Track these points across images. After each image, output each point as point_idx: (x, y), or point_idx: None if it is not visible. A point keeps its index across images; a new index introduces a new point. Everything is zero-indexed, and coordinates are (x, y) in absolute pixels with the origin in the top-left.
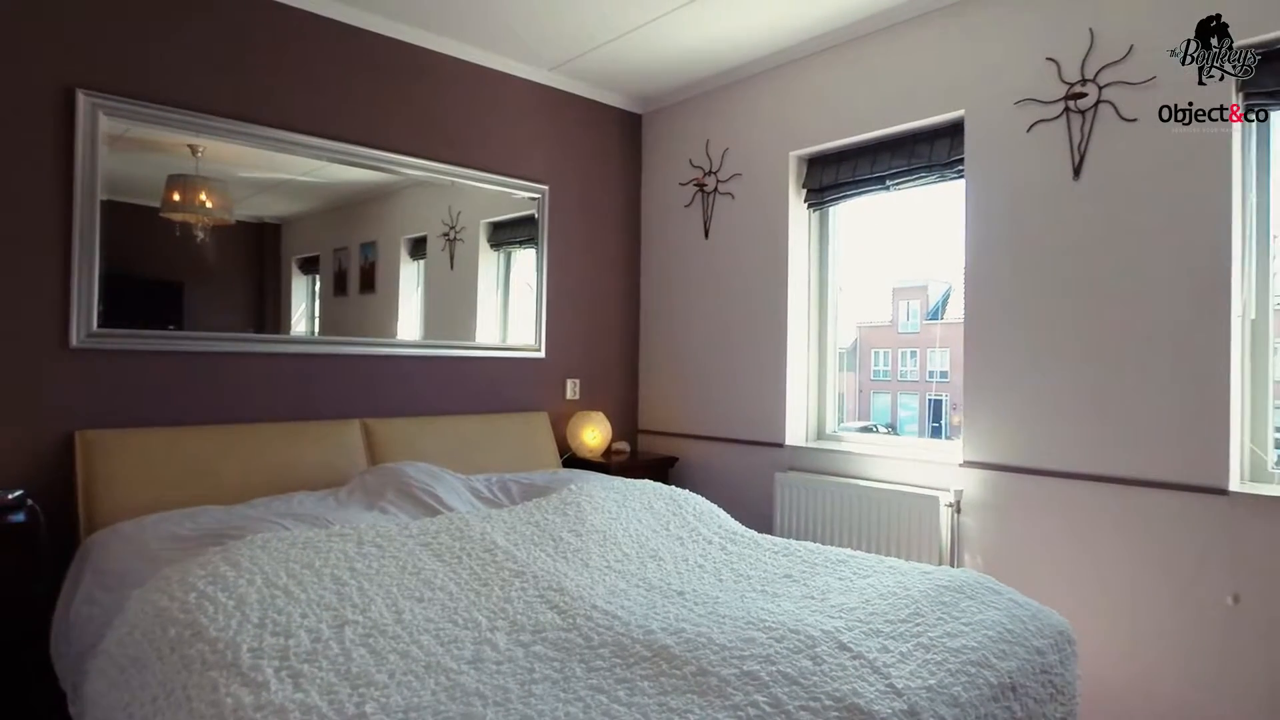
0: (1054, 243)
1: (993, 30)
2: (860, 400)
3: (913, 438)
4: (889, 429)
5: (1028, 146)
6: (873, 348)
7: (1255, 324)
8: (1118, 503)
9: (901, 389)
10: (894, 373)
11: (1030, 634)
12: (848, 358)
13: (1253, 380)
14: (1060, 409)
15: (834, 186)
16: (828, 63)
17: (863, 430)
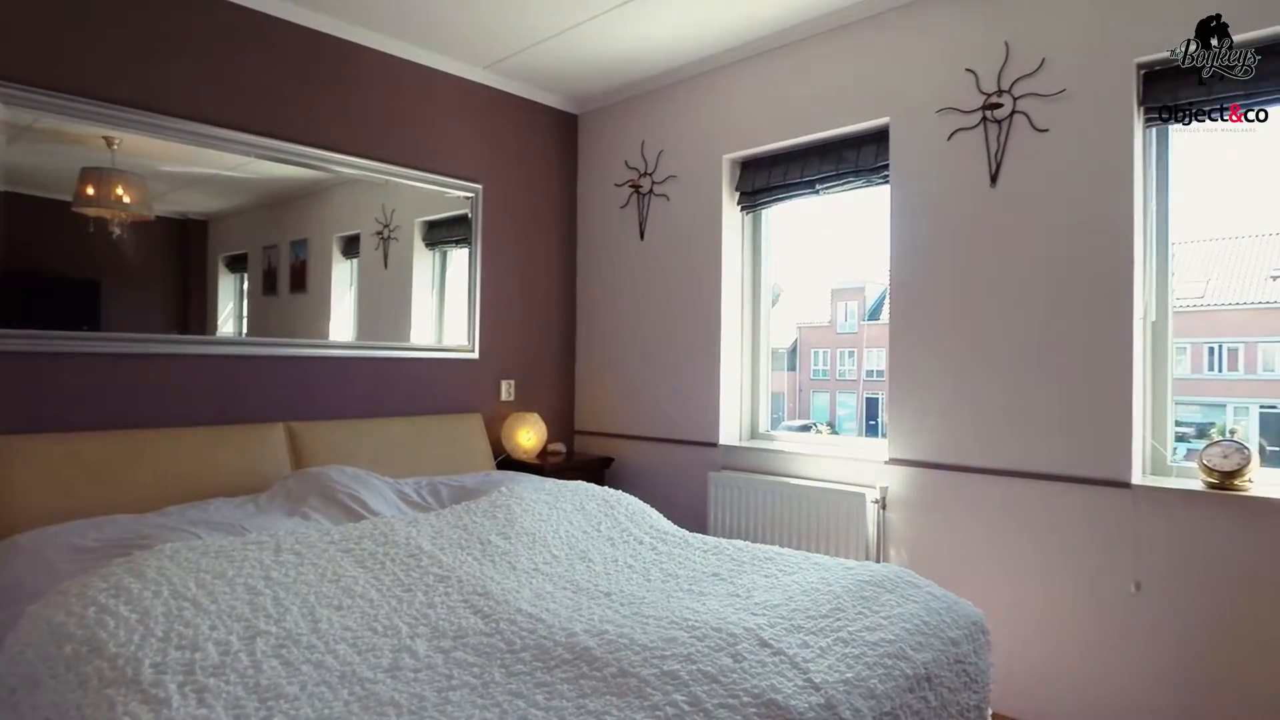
0: (973, 247)
1: (916, 41)
2: (800, 399)
3: (846, 436)
4: (828, 427)
5: (948, 154)
6: (812, 347)
7: (1155, 325)
8: (1030, 497)
9: (840, 388)
10: (833, 372)
11: (946, 625)
12: (788, 357)
13: (1153, 379)
14: (978, 407)
15: (766, 190)
16: (760, 68)
17: (803, 429)
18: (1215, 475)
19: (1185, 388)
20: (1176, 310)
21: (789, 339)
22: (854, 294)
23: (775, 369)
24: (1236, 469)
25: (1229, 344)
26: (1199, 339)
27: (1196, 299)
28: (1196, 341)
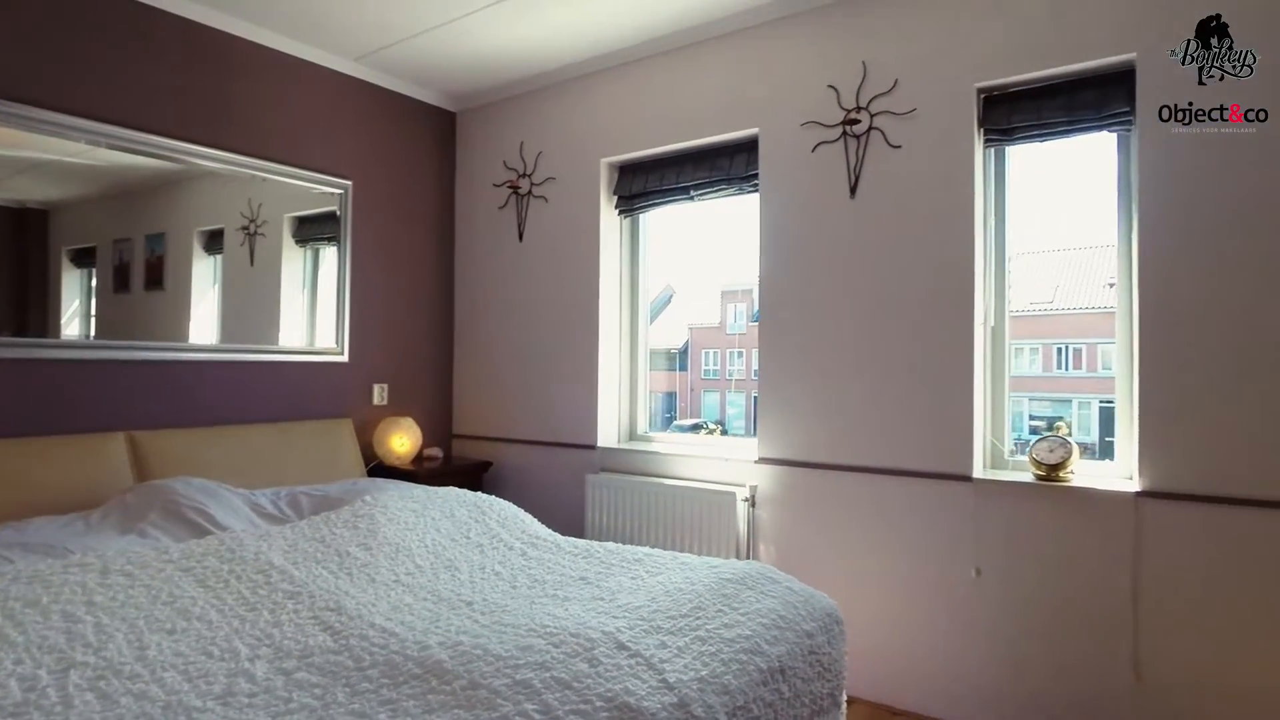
0: (834, 255)
1: (783, 55)
2: (692, 399)
3: (735, 436)
4: (719, 426)
5: (812, 165)
6: (703, 348)
7: (994, 330)
8: (885, 491)
9: (730, 388)
10: (723, 372)
11: (801, 618)
12: (679, 358)
13: (992, 380)
14: (839, 407)
15: (643, 194)
16: (637, 74)
17: (694, 428)
18: (1043, 468)
19: (1038, 385)
20: (1030, 314)
21: (681, 339)
22: (743, 296)
23: (668, 369)
24: (1060, 462)
25: (1074, 344)
26: (1050, 340)
27: (1046, 304)
28: (1047, 342)
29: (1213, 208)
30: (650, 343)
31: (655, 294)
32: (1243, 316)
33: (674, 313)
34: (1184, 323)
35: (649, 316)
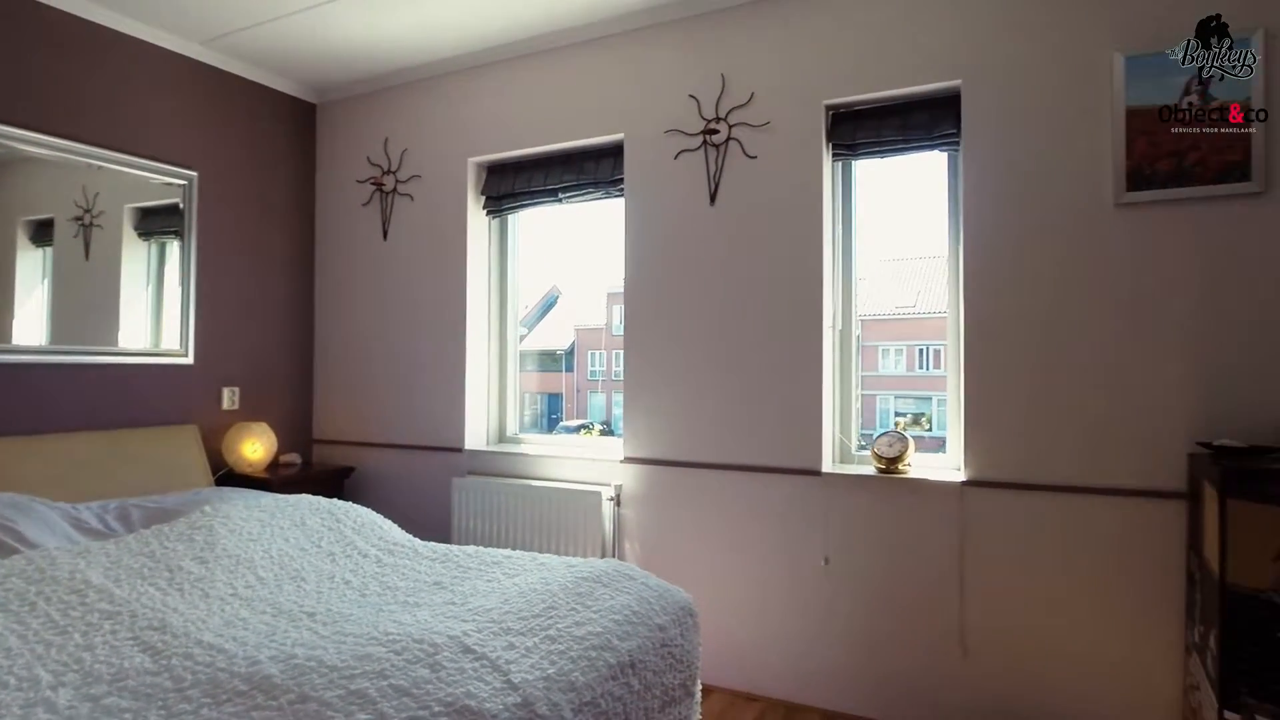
0: (695, 260)
1: (648, 64)
2: (578, 400)
3: (610, 437)
4: (604, 426)
5: (675, 172)
6: (589, 349)
7: (842, 333)
8: (743, 487)
9: (615, 388)
10: (608, 373)
11: (654, 612)
12: (565, 359)
13: (840, 381)
14: (699, 407)
15: (511, 195)
16: (505, 75)
17: (580, 428)
18: (883, 461)
19: (901, 383)
20: (895, 318)
21: (567, 341)
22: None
23: (554, 370)
24: (898, 455)
25: (934, 346)
26: (913, 341)
27: (910, 308)
28: (910, 344)
29: (1020, 225)
30: (535, 344)
31: (540, 295)
32: (1046, 325)
33: (560, 314)
34: (1000, 329)
35: (519, 317)
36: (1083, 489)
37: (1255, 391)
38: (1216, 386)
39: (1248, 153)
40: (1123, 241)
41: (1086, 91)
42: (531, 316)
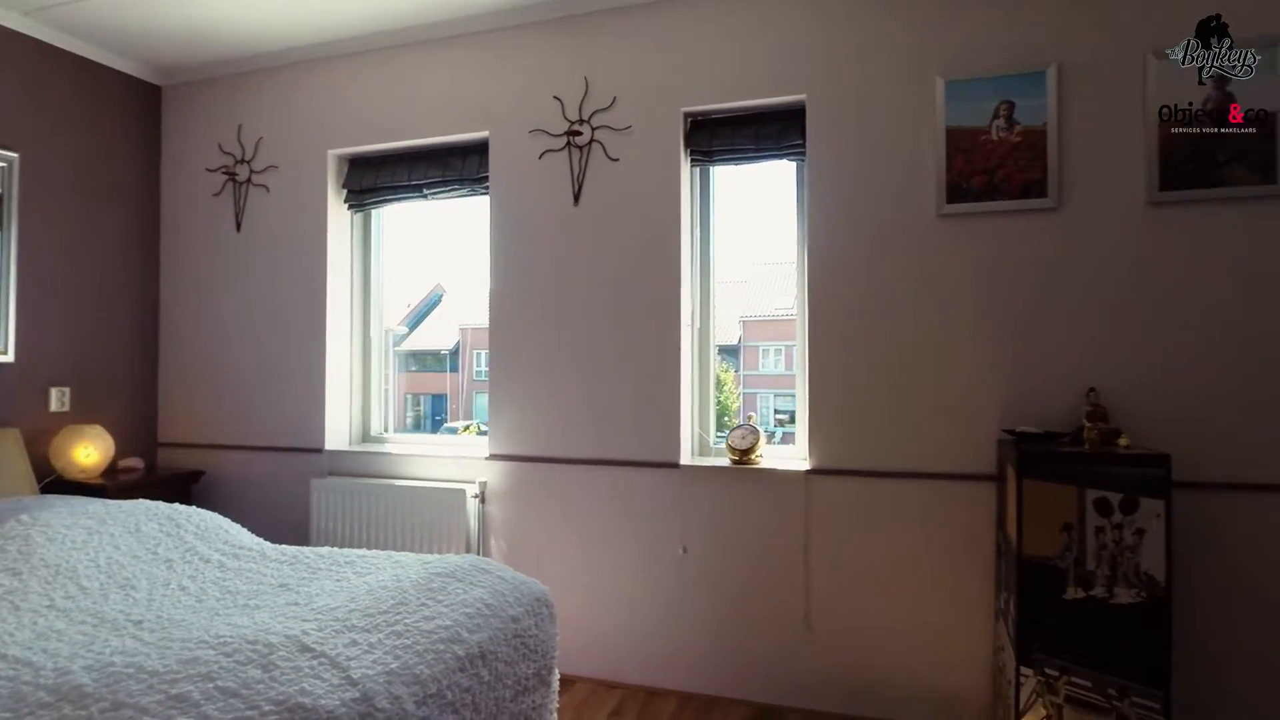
0: (559, 259)
1: (513, 63)
2: (464, 400)
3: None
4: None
5: (539, 172)
6: (475, 348)
7: (700, 332)
8: (606, 481)
9: None
10: None
11: (508, 605)
12: (450, 358)
13: (700, 377)
14: (564, 404)
15: (374, 190)
16: (368, 67)
17: (466, 429)
18: (736, 453)
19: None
20: (773, 319)
21: (452, 340)
22: None
23: (438, 370)
24: (750, 447)
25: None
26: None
27: (788, 309)
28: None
29: (856, 232)
30: (418, 344)
31: (424, 294)
32: (878, 325)
33: (444, 313)
34: (838, 329)
35: (384, 314)
36: (910, 474)
37: (1052, 383)
38: (1020, 379)
39: (1045, 172)
40: (943, 249)
41: (914, 111)
42: (414, 316)
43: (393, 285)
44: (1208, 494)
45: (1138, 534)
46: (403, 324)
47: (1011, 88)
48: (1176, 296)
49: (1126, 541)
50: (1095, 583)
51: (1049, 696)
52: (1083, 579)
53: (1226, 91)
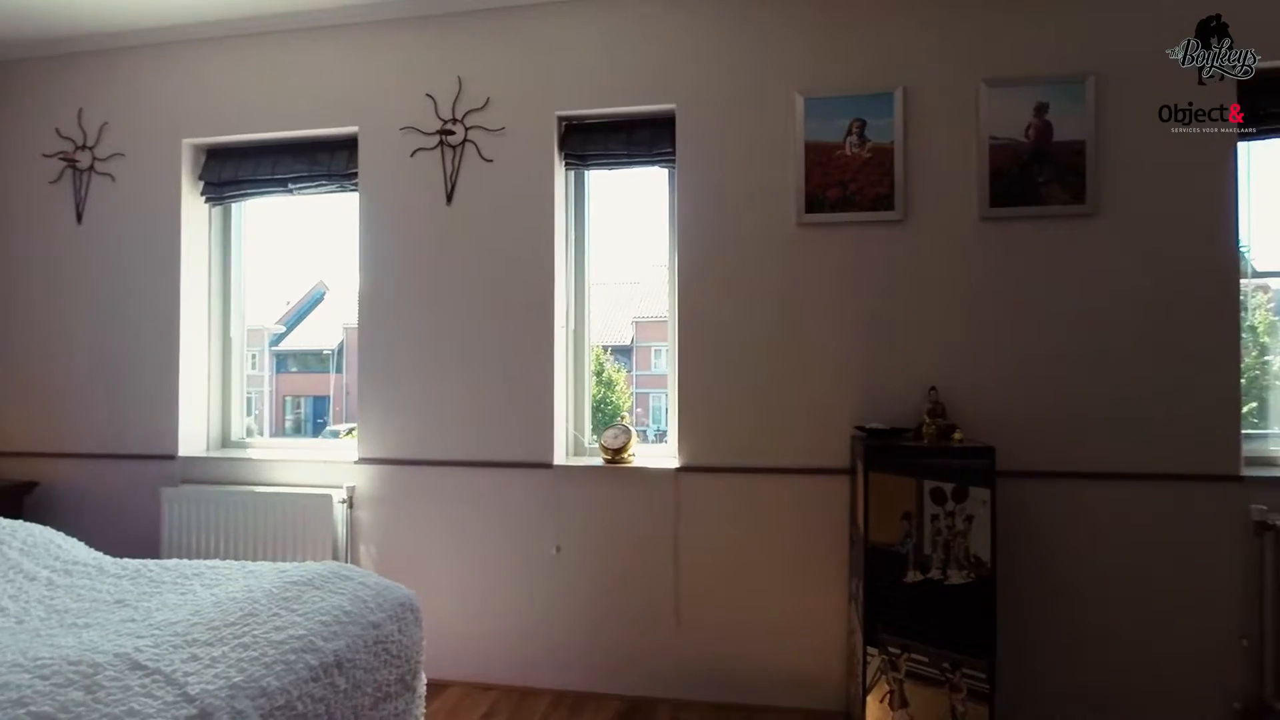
0: (432, 260)
1: (385, 58)
2: (349, 401)
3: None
4: None
5: (411, 170)
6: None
7: (575, 333)
8: (478, 482)
9: None
10: None
11: (368, 611)
12: (334, 358)
13: (574, 377)
14: (435, 405)
15: (234, 182)
16: (227, 53)
17: (350, 431)
18: (609, 452)
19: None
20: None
21: (336, 339)
22: None
23: (320, 370)
24: (623, 446)
25: None
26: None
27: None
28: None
29: (723, 238)
30: (298, 344)
31: (305, 292)
32: (743, 327)
33: (327, 311)
34: (705, 331)
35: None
36: (773, 470)
37: (899, 382)
38: (872, 379)
39: (892, 187)
40: (803, 256)
41: (777, 125)
42: (294, 314)
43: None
44: (1028, 482)
45: (968, 520)
46: (281, 322)
47: (863, 107)
48: (1004, 303)
49: (958, 527)
50: (931, 566)
51: (892, 673)
52: (921, 563)
53: (1046, 120)
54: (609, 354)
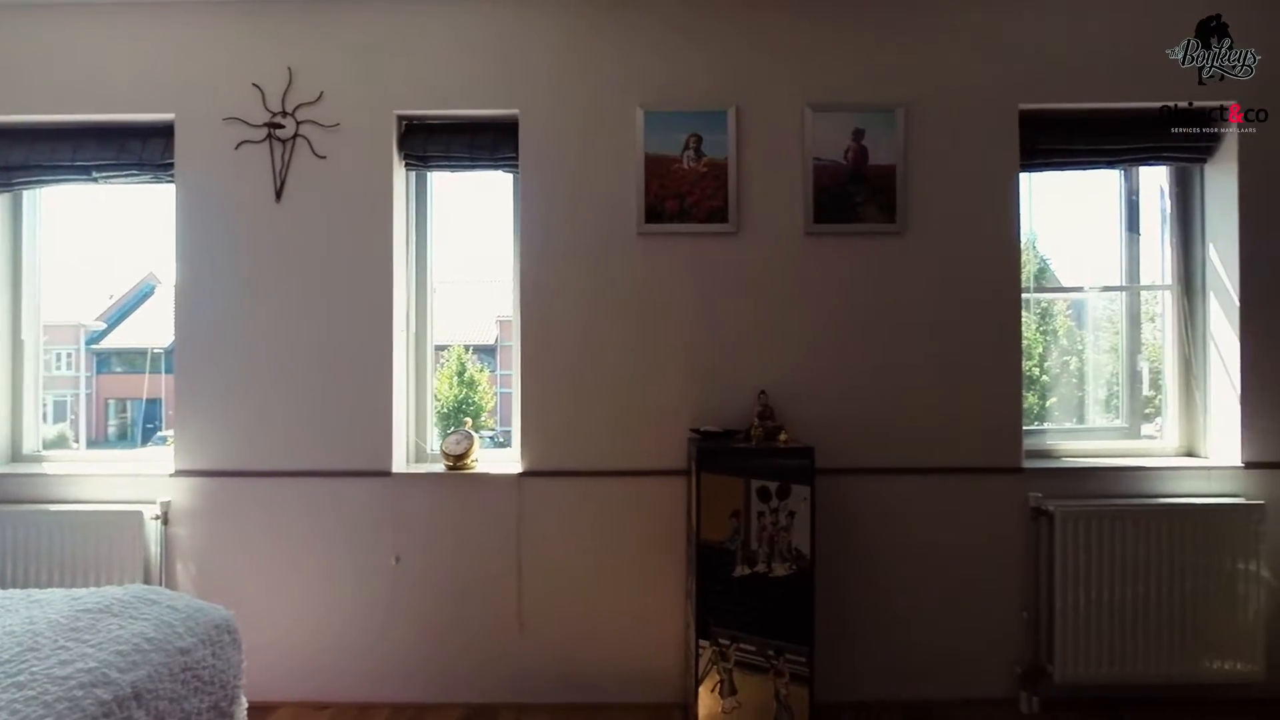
0: (260, 259)
1: (206, 43)
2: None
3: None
4: None
5: (236, 163)
6: None
7: (417, 336)
8: (312, 493)
9: None
10: None
11: (175, 636)
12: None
13: (416, 382)
14: (264, 412)
15: (25, 167)
16: (17, 23)
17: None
18: (451, 459)
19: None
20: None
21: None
22: None
23: (150, 372)
24: (465, 452)
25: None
26: None
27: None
28: None
29: (565, 245)
30: (123, 342)
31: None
32: (584, 333)
33: (158, 307)
34: (548, 336)
35: (40, 304)
36: (615, 472)
37: (732, 386)
38: (709, 382)
39: (726, 201)
40: (642, 265)
41: (618, 136)
42: (118, 310)
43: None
44: (844, 478)
45: (790, 516)
46: (101, 319)
47: (700, 123)
48: (825, 313)
49: (782, 523)
50: (758, 560)
51: (722, 663)
52: (748, 558)
53: (863, 145)
54: (471, 353)
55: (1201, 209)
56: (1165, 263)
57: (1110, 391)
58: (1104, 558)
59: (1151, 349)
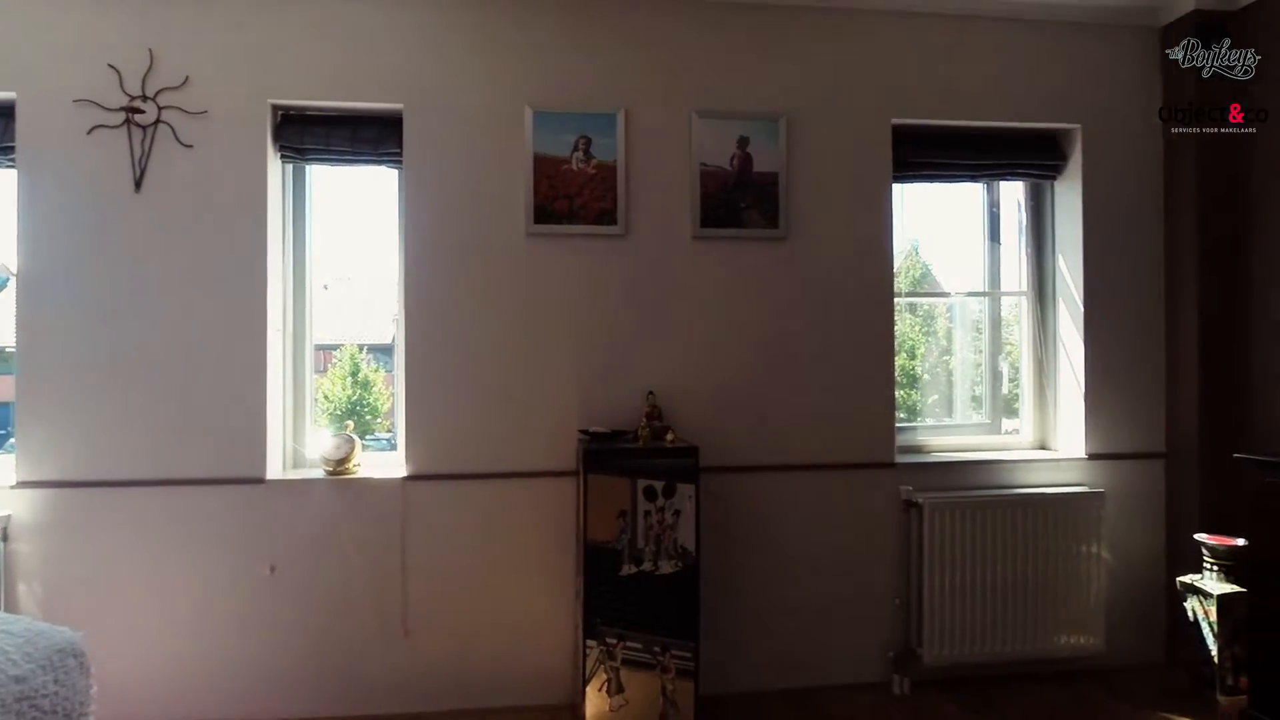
0: (116, 252)
1: (54, 18)
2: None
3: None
4: None
5: (89, 149)
6: None
7: (295, 336)
8: (177, 503)
9: None
10: None
11: (10, 664)
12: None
13: (294, 384)
14: (122, 418)
15: None
16: None
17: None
18: (331, 463)
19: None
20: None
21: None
22: None
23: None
24: (345, 456)
25: None
26: None
27: None
28: None
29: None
30: None
31: None
32: (472, 335)
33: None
34: (432, 337)
35: None
36: (504, 474)
37: (622, 386)
38: (598, 383)
39: (615, 204)
40: (531, 265)
41: (506, 135)
42: None
43: None
44: (728, 476)
45: (675, 514)
46: None
47: (589, 125)
48: (711, 315)
49: (668, 521)
50: (645, 559)
51: (609, 662)
52: (635, 556)
53: (747, 152)
54: (366, 353)
55: (1053, 223)
56: (1022, 271)
57: (974, 391)
58: (968, 545)
59: (1012, 351)
